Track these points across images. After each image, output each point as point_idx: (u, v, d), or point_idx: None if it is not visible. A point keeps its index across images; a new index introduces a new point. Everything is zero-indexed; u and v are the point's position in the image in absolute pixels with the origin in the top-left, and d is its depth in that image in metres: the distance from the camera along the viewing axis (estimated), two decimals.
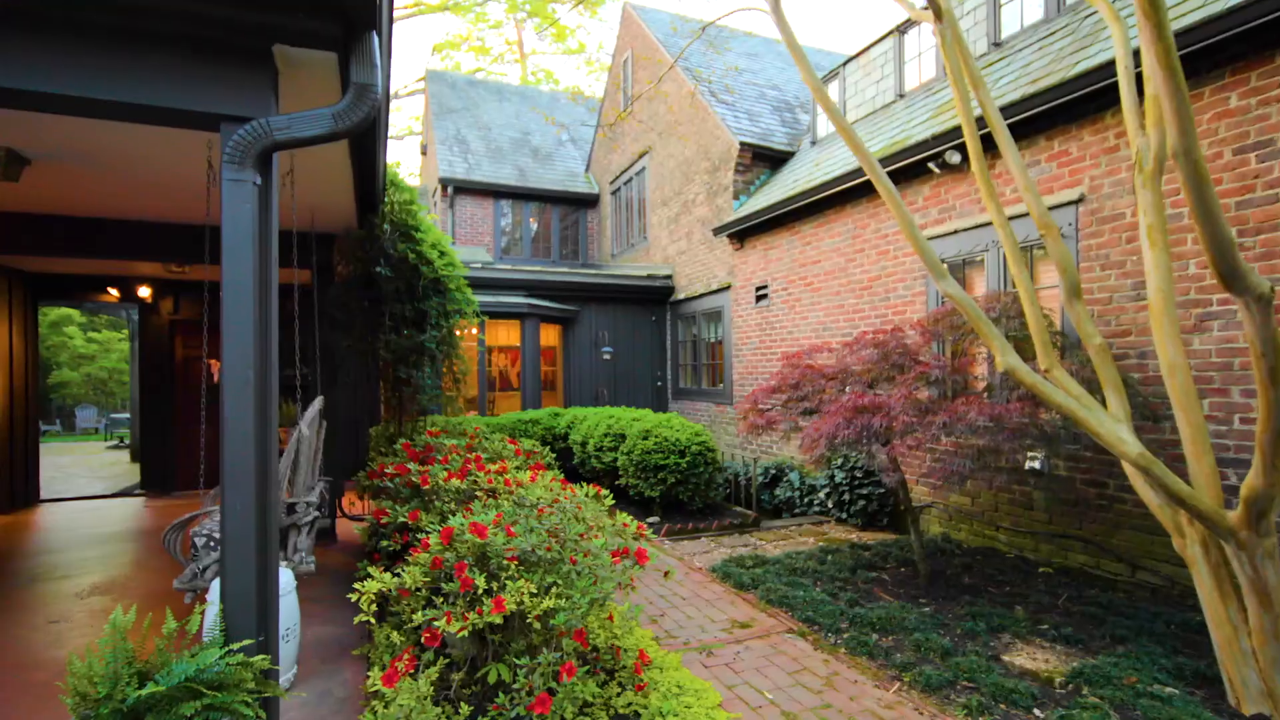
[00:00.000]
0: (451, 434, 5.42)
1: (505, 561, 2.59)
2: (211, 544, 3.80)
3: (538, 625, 2.47)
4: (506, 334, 10.81)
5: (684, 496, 6.47)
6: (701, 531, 6.19)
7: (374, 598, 2.56)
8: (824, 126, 9.02)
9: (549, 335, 10.96)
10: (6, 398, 7.51)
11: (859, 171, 6.55)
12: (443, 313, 5.66)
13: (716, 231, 9.29)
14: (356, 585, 2.57)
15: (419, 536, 3.19)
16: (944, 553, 5.32)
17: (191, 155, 3.79)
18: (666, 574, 3.01)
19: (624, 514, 3.35)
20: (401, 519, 3.54)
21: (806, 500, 7.06)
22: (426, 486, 3.66)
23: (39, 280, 8.01)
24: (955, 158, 5.53)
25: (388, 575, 2.69)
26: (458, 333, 6.36)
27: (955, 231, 5.72)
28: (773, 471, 7.71)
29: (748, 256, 9.00)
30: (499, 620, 2.39)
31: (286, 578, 3.25)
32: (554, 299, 10.56)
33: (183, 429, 8.80)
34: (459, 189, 13.90)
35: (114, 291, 8.31)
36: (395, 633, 2.68)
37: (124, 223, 5.45)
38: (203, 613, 2.67)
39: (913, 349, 4.68)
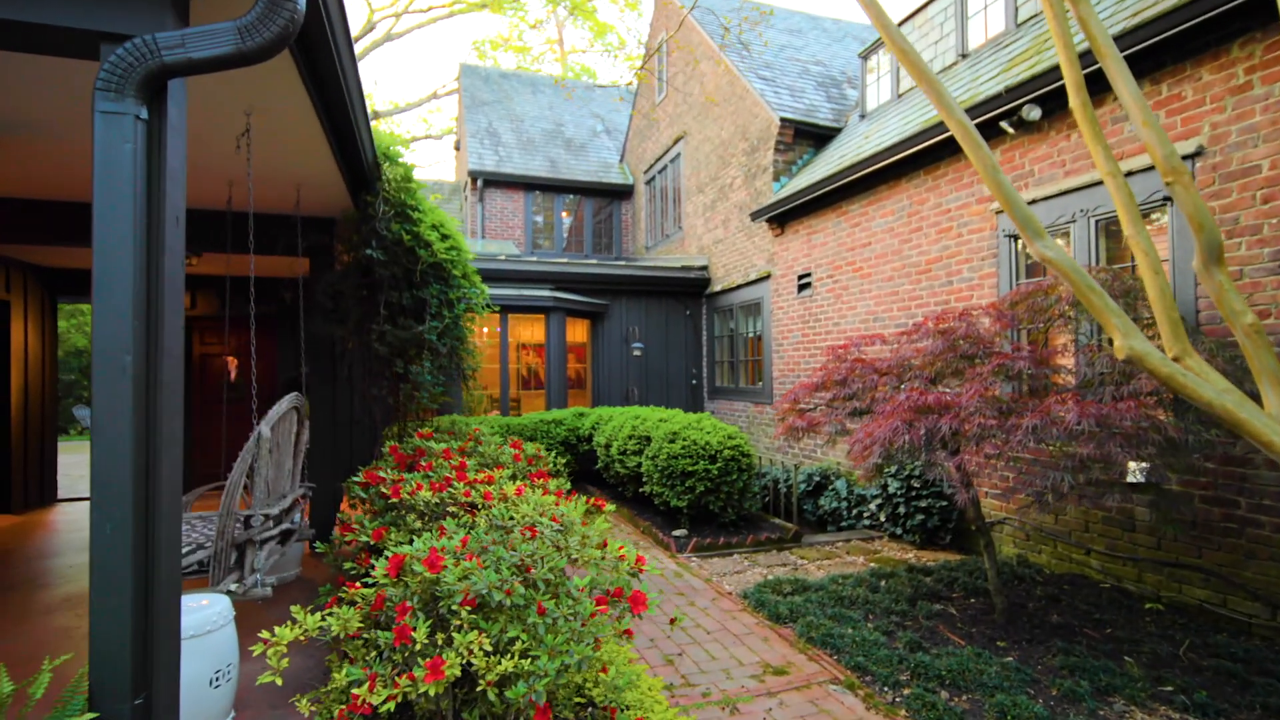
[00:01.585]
0: (452, 436, 4.87)
1: (456, 606, 1.98)
2: None
3: (493, 695, 1.85)
4: (532, 330, 10.30)
5: (715, 507, 5.78)
6: (734, 547, 5.49)
7: (286, 651, 1.98)
8: (874, 98, 8.18)
9: (577, 331, 10.39)
10: (21, 396, 7.34)
11: (916, 138, 5.75)
12: (445, 301, 5.11)
13: (755, 216, 8.55)
14: (264, 635, 1.99)
15: (376, 562, 2.61)
16: (1021, 580, 4.49)
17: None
18: (673, 621, 2.36)
19: (618, 540, 2.70)
20: (365, 537, 2.97)
21: (855, 512, 6.27)
22: (396, 499, 3.09)
23: (55, 276, 7.84)
24: (1034, 113, 4.69)
25: (314, 616, 2.12)
26: (471, 326, 5.82)
27: (1033, 201, 4.87)
28: (816, 478, 6.94)
29: (789, 243, 8.23)
30: (436, 690, 1.77)
31: (221, 607, 2.72)
32: (582, 292, 9.99)
33: (199, 427, 8.57)
34: (488, 182, 13.49)
35: None
36: (303, 699, 2.09)
37: None
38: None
39: (985, 337, 3.89)
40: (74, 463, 11.51)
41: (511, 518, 2.76)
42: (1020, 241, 5.10)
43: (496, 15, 26.99)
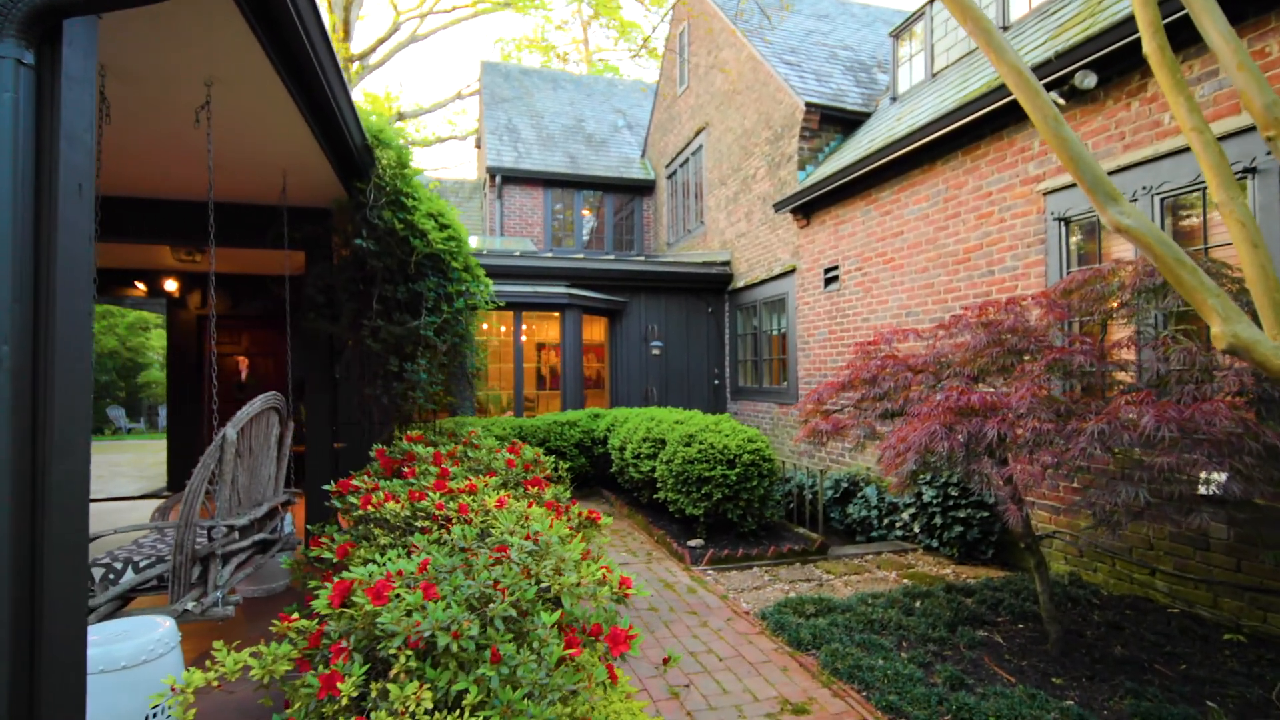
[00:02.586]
0: (452, 438, 4.56)
1: (395, 649, 1.63)
2: (113, 575, 3.05)
3: None
4: (548, 329, 10.00)
5: (733, 516, 5.37)
6: (754, 560, 5.08)
7: (193, 700, 1.65)
8: (906, 80, 7.69)
9: (595, 330, 10.06)
10: None
11: (954, 114, 5.27)
12: (443, 295, 4.81)
13: (778, 207, 8.11)
14: (168, 681, 1.68)
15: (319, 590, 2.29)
16: (1076, 603, 4.01)
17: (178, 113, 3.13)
18: (666, 661, 1.97)
19: (630, 549, 2.34)
20: (328, 554, 2.66)
21: (886, 521, 5.81)
22: (365, 510, 2.77)
23: None
24: (1089, 80, 4.21)
25: (238, 654, 1.79)
26: (474, 323, 5.52)
27: None
28: (844, 484, 6.48)
29: (815, 234, 7.78)
30: None
31: (161, 633, 2.41)
32: (599, 289, 9.65)
33: (210, 428, 8.45)
34: (507, 178, 13.25)
35: (141, 286, 7.99)
36: None
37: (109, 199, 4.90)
38: None
39: (1036, 330, 3.43)
40: (99, 462, 11.59)
41: (488, 533, 2.42)
42: (1072, 225, 4.60)
43: (520, 15, 26.89)
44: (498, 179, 13.19)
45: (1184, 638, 3.46)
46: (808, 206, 7.73)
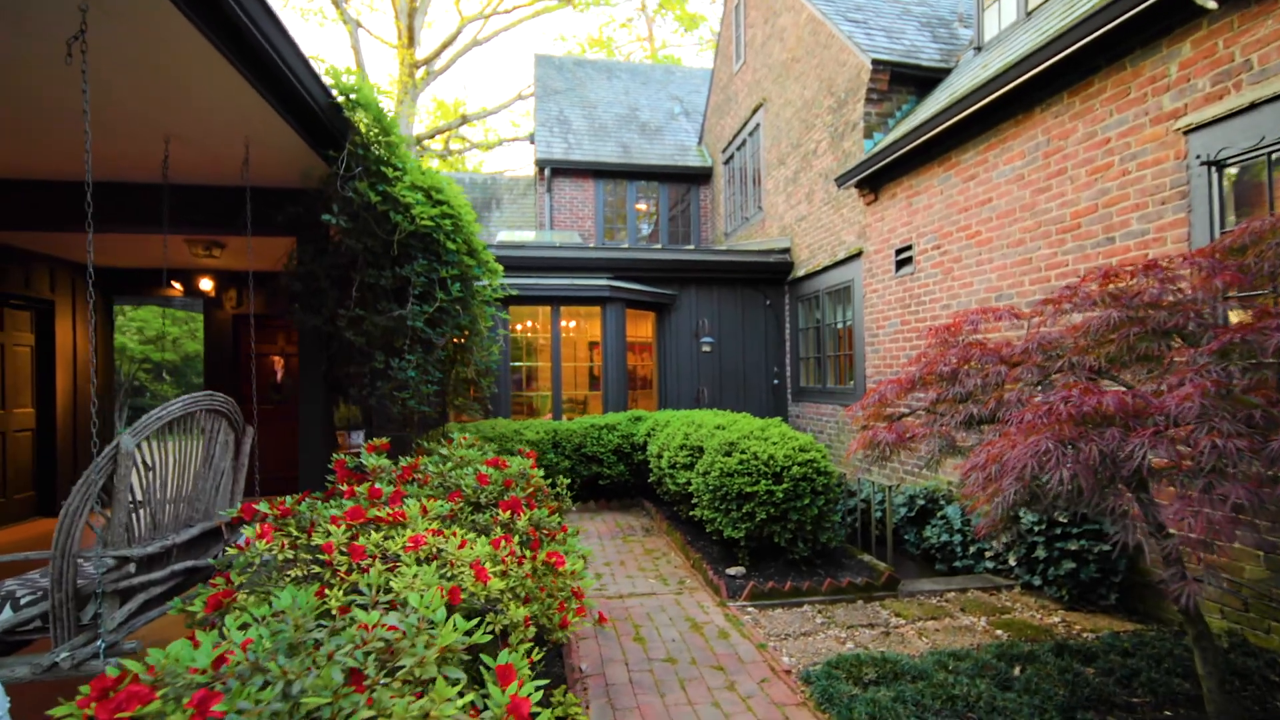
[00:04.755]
0: (450, 445, 3.93)
1: None
2: None
3: None
4: (594, 325, 9.34)
5: (780, 540, 4.49)
6: (804, 595, 4.18)
7: None
8: (994, 24, 6.53)
9: (642, 326, 9.33)
10: (69, 399, 7.22)
11: (1060, 41, 4.19)
12: (435, 281, 4.18)
13: (841, 181, 7.12)
14: None
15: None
16: (1247, 679, 2.93)
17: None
18: None
19: (646, 580, 1.60)
20: (194, 608, 2.02)
21: (973, 549, 4.77)
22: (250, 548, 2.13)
23: (109, 276, 7.72)
24: None
25: None
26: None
27: (1252, 105, 3.26)
28: (921, 502, 5.45)
29: (884, 211, 6.74)
30: None
31: None
32: (646, 281, 8.90)
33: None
34: (556, 170, 12.73)
35: (177, 285, 7.88)
36: None
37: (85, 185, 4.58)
38: None
39: (1195, 303, 2.42)
40: None
41: (365, 588, 1.71)
42: (1227, 169, 3.48)
43: (579, 13, 26.57)
44: (547, 171, 12.69)
45: None
46: (875, 178, 6.70)
